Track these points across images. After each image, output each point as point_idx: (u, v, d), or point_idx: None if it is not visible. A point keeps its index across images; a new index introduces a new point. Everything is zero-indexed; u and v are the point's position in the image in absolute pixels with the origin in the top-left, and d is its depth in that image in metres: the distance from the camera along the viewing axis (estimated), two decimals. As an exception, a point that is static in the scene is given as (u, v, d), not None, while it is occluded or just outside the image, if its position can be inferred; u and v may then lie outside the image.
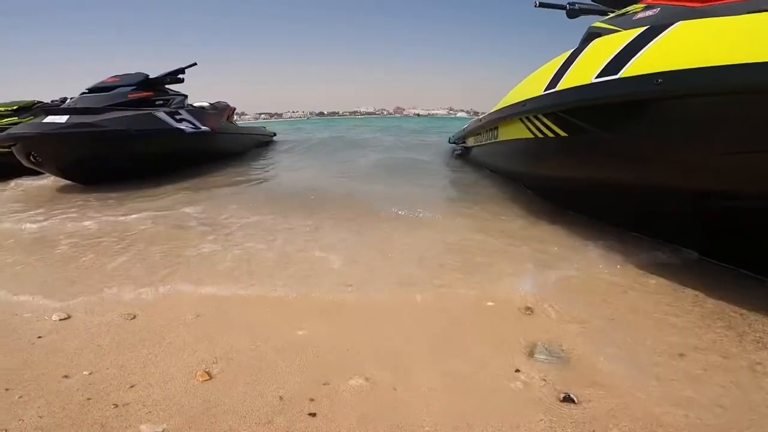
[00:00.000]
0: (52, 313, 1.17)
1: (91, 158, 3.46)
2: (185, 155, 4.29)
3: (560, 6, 2.29)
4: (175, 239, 1.88)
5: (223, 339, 1.05)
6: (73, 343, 1.01)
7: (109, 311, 1.19)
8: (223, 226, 2.06)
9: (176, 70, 4.39)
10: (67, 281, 1.43)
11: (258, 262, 1.55)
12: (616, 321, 1.12)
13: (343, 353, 0.98)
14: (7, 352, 0.96)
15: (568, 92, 1.49)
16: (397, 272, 1.44)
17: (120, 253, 1.71)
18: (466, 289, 1.31)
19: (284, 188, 3.28)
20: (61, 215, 2.49)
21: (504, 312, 1.17)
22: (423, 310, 1.20)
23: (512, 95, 2.22)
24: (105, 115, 3.52)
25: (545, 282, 1.34)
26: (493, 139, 2.50)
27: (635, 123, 1.28)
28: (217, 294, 1.31)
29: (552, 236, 1.74)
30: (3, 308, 1.21)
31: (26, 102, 5.35)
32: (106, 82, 4.11)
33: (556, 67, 1.66)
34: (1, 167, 4.59)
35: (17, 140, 3.31)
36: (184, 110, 4.31)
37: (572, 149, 1.62)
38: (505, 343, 1.02)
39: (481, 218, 2.07)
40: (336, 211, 2.26)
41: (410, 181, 3.31)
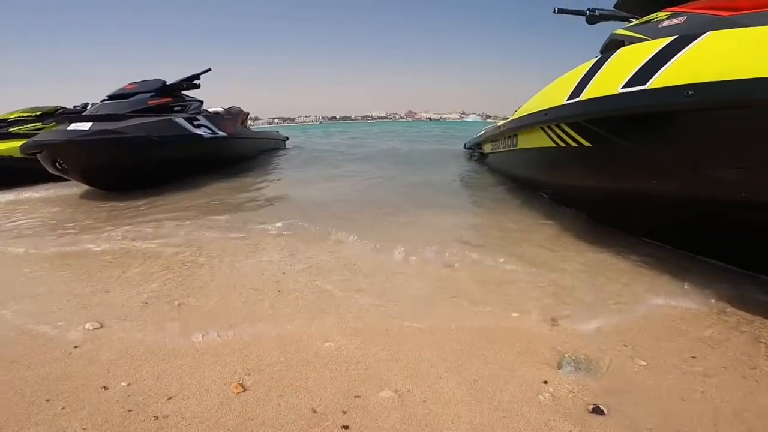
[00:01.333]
0: (84, 322, 1.19)
1: (114, 165, 3.52)
2: (204, 160, 4.36)
3: (580, 12, 2.28)
4: (199, 247, 1.90)
5: (253, 350, 1.06)
6: (109, 353, 1.03)
7: (142, 320, 1.21)
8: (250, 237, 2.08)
9: (191, 75, 4.47)
10: (99, 290, 1.45)
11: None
12: (642, 330, 1.10)
13: (371, 366, 0.99)
14: (45, 362, 0.98)
15: (593, 102, 1.48)
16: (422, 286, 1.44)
17: (150, 261, 1.73)
18: (491, 305, 1.30)
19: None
20: (91, 225, 2.53)
21: (529, 324, 1.17)
22: (448, 322, 1.19)
23: (532, 104, 2.22)
24: (127, 122, 3.59)
25: (571, 292, 1.34)
26: (512, 146, 2.49)
27: (663, 134, 1.27)
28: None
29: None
30: (37, 317, 1.23)
31: (49, 108, 5.49)
32: (126, 89, 4.19)
33: (579, 76, 1.65)
34: (27, 173, 4.73)
35: (43, 147, 3.38)
36: (202, 116, 4.38)
37: (596, 159, 1.61)
38: (532, 355, 1.02)
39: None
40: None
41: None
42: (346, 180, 4.04)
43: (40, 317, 1.23)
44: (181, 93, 4.50)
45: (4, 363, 0.98)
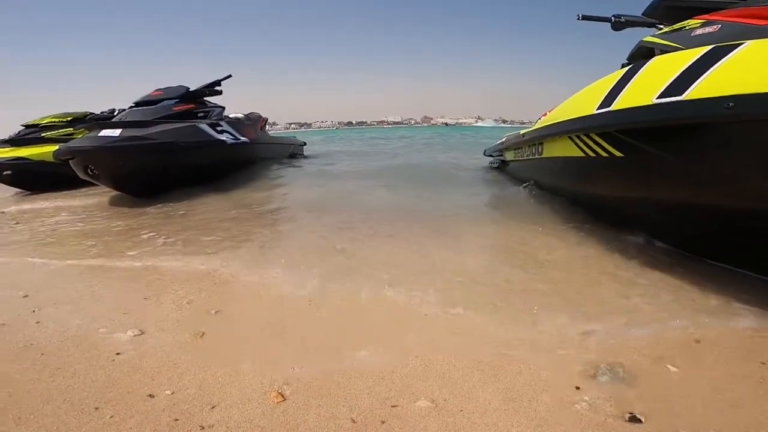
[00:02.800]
0: (126, 329, 1.22)
1: (142, 170, 3.61)
2: (226, 165, 4.43)
3: (605, 18, 2.26)
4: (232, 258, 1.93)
5: (290, 359, 1.07)
6: (151, 361, 1.05)
7: (180, 328, 1.23)
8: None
9: (213, 82, 4.55)
10: (139, 297, 1.48)
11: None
12: (677, 340, 1.10)
13: (406, 375, 1.00)
14: (90, 369, 1.01)
15: (626, 113, 1.46)
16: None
17: (187, 269, 1.77)
18: (523, 314, 1.30)
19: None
20: (129, 232, 2.59)
21: (562, 333, 1.16)
22: (480, 332, 1.19)
23: (558, 113, 2.20)
24: (154, 128, 3.68)
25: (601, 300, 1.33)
26: (536, 155, 2.48)
27: (701, 146, 1.25)
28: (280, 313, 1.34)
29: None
30: (78, 324, 1.26)
31: (79, 113, 5.67)
32: (152, 96, 4.29)
33: (609, 85, 1.63)
34: (59, 178, 4.89)
35: (75, 154, 3.48)
36: (224, 122, 4.45)
37: (628, 170, 1.59)
38: (567, 364, 1.02)
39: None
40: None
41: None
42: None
43: (81, 323, 1.27)
44: (203, 99, 4.59)
45: (49, 369, 1.00)
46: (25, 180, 5.16)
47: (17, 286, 1.60)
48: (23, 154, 5.06)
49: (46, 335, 1.19)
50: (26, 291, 1.54)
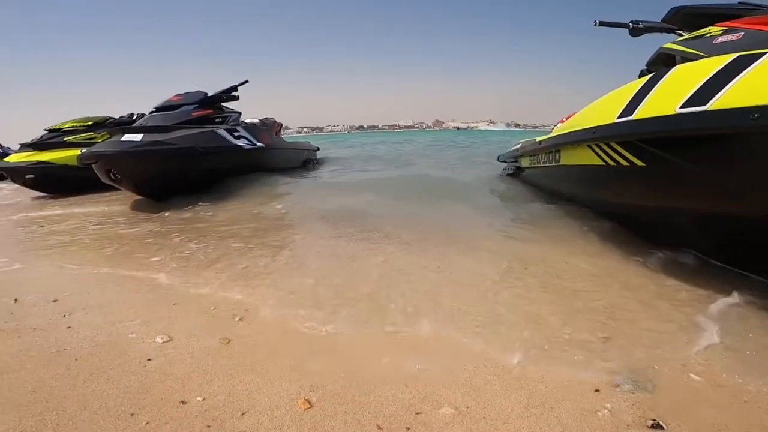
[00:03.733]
0: (155, 335, 1.25)
1: (163, 175, 3.69)
2: (243, 171, 4.49)
3: (622, 24, 2.25)
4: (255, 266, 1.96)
5: (314, 366, 1.09)
6: (181, 367, 1.07)
7: (207, 335, 1.25)
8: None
9: (230, 87, 4.61)
10: (167, 302, 1.51)
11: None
12: (699, 348, 1.09)
13: (429, 383, 1.01)
14: (123, 375, 1.03)
15: (648, 122, 1.46)
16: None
17: (209, 274, 1.81)
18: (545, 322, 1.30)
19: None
20: (154, 236, 2.64)
21: (582, 340, 1.17)
22: (500, 342, 1.20)
23: (577, 120, 2.20)
24: (174, 133, 3.75)
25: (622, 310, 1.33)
26: (554, 162, 2.47)
27: (726, 156, 1.25)
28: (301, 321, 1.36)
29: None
30: (108, 329, 1.30)
31: (99, 118, 5.80)
32: (172, 101, 4.36)
33: (630, 93, 1.63)
34: (80, 182, 5.01)
35: (98, 158, 3.57)
36: (241, 127, 4.52)
37: (649, 179, 1.59)
38: (588, 371, 1.03)
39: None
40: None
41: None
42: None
43: (111, 328, 1.30)
44: (220, 105, 4.65)
45: (84, 374, 1.03)
46: (48, 184, 5.28)
47: (46, 291, 1.64)
48: (46, 158, 5.18)
49: (78, 340, 1.22)
50: (55, 296, 1.58)
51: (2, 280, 1.85)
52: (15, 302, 1.54)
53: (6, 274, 1.94)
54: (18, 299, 1.57)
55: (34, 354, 1.14)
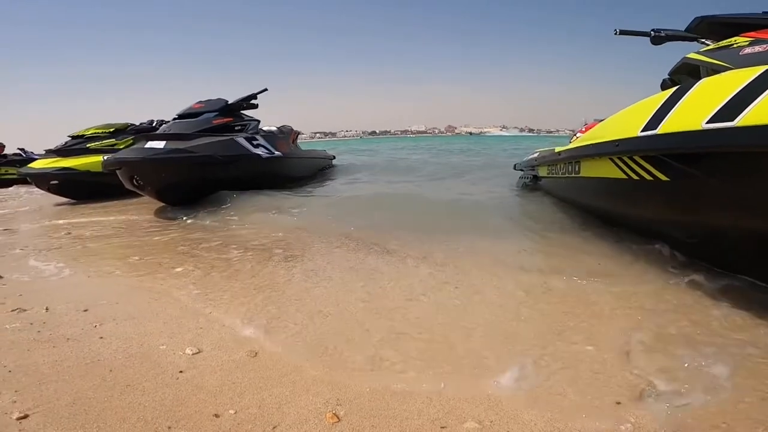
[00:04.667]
0: (184, 347, 1.27)
1: (184, 182, 3.77)
2: (260, 179, 4.55)
3: (643, 33, 2.25)
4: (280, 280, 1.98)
5: (340, 380, 1.11)
6: (212, 379, 1.10)
7: (233, 347, 1.28)
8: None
9: (249, 95, 4.68)
10: (195, 313, 1.54)
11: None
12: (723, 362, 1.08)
13: (452, 397, 1.02)
14: (157, 387, 1.06)
15: (673, 137, 1.45)
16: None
17: (236, 282, 1.84)
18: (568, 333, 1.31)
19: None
20: (178, 245, 2.68)
21: (606, 354, 1.17)
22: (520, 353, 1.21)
23: (598, 132, 2.19)
24: (195, 141, 3.83)
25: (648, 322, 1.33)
26: (573, 173, 2.46)
27: (754, 172, 1.24)
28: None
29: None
30: (139, 340, 1.33)
31: (121, 124, 5.96)
32: (193, 108, 4.45)
33: (654, 106, 1.62)
34: (103, 188, 5.13)
35: (123, 164, 3.67)
36: (260, 136, 4.58)
37: (673, 194, 1.58)
38: (611, 385, 1.03)
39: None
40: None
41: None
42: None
43: (142, 339, 1.33)
44: (240, 113, 4.73)
45: (120, 386, 1.06)
46: (71, 189, 5.41)
47: (76, 300, 1.69)
48: (69, 164, 5.32)
49: (111, 351, 1.25)
50: (86, 305, 1.62)
51: (32, 288, 1.90)
52: (46, 311, 1.59)
53: (35, 283, 1.99)
54: (49, 308, 1.61)
55: (69, 364, 1.17)
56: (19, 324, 1.47)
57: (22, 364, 1.17)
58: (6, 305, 1.67)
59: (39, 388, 1.04)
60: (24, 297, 1.76)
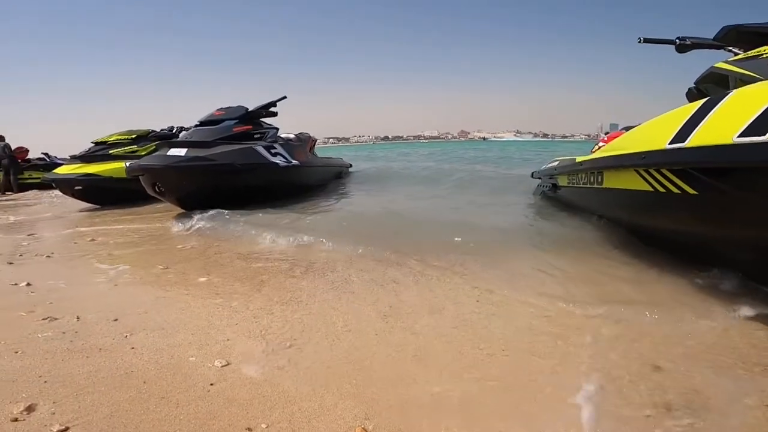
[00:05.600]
0: (213, 359, 1.29)
1: (203, 190, 3.84)
2: (278, 188, 4.59)
3: (668, 41, 2.23)
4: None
5: (367, 393, 1.12)
6: (242, 393, 1.12)
7: (261, 359, 1.30)
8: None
9: (269, 103, 4.73)
10: (221, 325, 1.57)
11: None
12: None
13: (479, 410, 1.03)
14: (190, 400, 1.08)
15: (703, 150, 1.43)
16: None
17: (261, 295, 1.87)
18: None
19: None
20: (204, 255, 2.72)
21: (633, 367, 1.17)
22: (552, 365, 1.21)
23: (622, 143, 2.18)
24: (215, 149, 3.90)
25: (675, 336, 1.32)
26: (595, 184, 2.44)
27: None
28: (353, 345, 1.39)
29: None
30: (170, 351, 1.35)
31: (142, 131, 6.09)
32: (215, 115, 4.51)
33: (683, 117, 1.60)
34: (125, 193, 5.25)
35: (145, 171, 3.75)
36: (278, 144, 4.62)
37: (702, 207, 1.56)
38: (643, 396, 1.04)
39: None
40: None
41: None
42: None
43: (172, 351, 1.35)
44: (260, 120, 4.78)
45: (154, 399, 1.08)
46: (94, 195, 5.54)
47: (106, 309, 1.72)
48: (92, 170, 5.45)
49: (143, 362, 1.28)
50: (115, 314, 1.66)
51: (61, 296, 1.94)
52: (77, 320, 1.62)
53: (63, 291, 2.03)
54: (80, 317, 1.65)
55: (104, 375, 1.20)
56: (51, 333, 1.51)
57: (57, 374, 1.20)
58: (37, 313, 1.71)
59: (77, 400, 1.07)
60: (54, 305, 1.80)
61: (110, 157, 5.61)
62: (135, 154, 5.63)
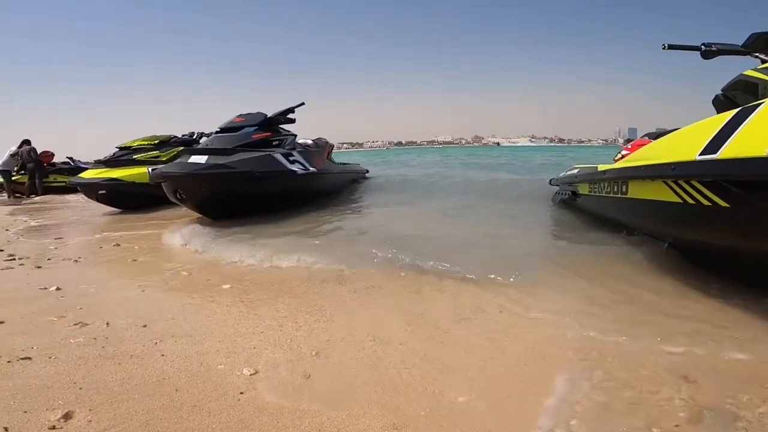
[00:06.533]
0: (241, 367, 1.31)
1: (222, 197, 3.90)
2: (295, 195, 4.63)
3: (693, 47, 2.21)
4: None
5: (395, 403, 1.13)
6: (271, 401, 1.13)
7: (288, 368, 1.31)
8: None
9: (287, 109, 4.77)
10: (245, 332, 1.59)
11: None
12: None
13: (503, 418, 1.04)
14: (223, 409, 1.09)
15: (735, 163, 1.41)
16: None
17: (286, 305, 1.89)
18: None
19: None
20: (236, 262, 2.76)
21: (660, 378, 1.17)
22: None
23: (649, 153, 2.15)
24: (235, 157, 3.96)
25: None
26: (620, 193, 2.41)
27: None
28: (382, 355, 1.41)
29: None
30: (199, 359, 1.37)
31: (164, 136, 6.23)
32: (234, 122, 4.57)
33: (713, 128, 1.57)
34: (147, 198, 5.36)
35: (167, 178, 3.83)
36: (296, 151, 4.65)
37: (734, 220, 1.53)
38: (670, 405, 1.04)
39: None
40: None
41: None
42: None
43: (201, 358, 1.37)
44: (278, 127, 4.82)
45: (188, 407, 1.10)
46: (117, 199, 5.67)
47: (134, 315, 1.76)
48: (116, 175, 5.59)
49: (174, 370, 1.30)
50: (144, 321, 1.69)
51: (90, 301, 1.98)
52: (107, 326, 1.66)
53: (92, 296, 2.07)
54: (110, 323, 1.68)
55: (137, 383, 1.22)
56: (83, 339, 1.54)
57: (91, 381, 1.23)
58: (68, 318, 1.75)
59: (112, 407, 1.09)
60: (84, 310, 1.84)
61: (133, 162, 5.75)
62: (157, 160, 5.74)
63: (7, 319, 1.73)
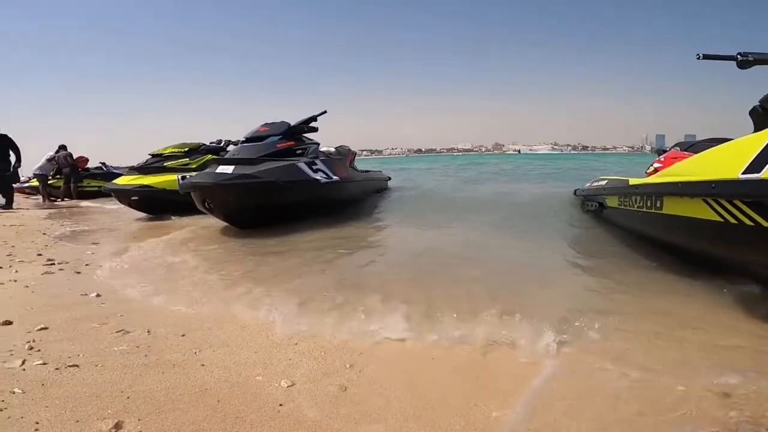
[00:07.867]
0: (279, 379, 1.34)
1: (249, 206, 3.98)
2: (318, 204, 4.69)
3: (729, 57, 2.18)
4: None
5: (431, 417, 1.14)
6: (310, 414, 1.16)
7: (324, 380, 1.34)
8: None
9: (309, 118, 4.84)
10: (280, 344, 1.62)
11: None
12: None
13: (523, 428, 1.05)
14: (264, 421, 1.13)
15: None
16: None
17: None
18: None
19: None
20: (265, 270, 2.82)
21: (699, 396, 1.16)
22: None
23: (685, 168, 2.11)
24: (260, 166, 4.04)
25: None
26: (653, 209, 2.38)
27: None
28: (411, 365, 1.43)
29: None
30: (238, 369, 1.41)
31: (194, 144, 6.41)
32: (260, 132, 4.67)
33: (757, 146, 1.54)
34: (176, 205, 5.53)
35: (196, 188, 3.94)
36: (319, 160, 4.72)
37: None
38: (707, 422, 1.04)
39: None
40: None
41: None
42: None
43: (240, 369, 1.41)
44: (301, 135, 4.90)
45: (230, 418, 1.14)
46: (149, 205, 5.86)
47: (173, 324, 1.81)
48: (148, 182, 5.78)
49: (215, 380, 1.34)
50: (182, 330, 1.74)
51: (130, 308, 2.04)
52: (148, 334, 1.71)
53: (131, 303, 2.14)
54: (150, 331, 1.74)
55: (181, 392, 1.26)
56: (126, 347, 1.60)
57: (138, 390, 1.28)
58: (110, 325, 1.81)
59: (159, 417, 1.13)
60: (125, 318, 1.90)
61: (164, 169, 5.93)
62: (186, 167, 5.90)
63: (51, 325, 1.80)
